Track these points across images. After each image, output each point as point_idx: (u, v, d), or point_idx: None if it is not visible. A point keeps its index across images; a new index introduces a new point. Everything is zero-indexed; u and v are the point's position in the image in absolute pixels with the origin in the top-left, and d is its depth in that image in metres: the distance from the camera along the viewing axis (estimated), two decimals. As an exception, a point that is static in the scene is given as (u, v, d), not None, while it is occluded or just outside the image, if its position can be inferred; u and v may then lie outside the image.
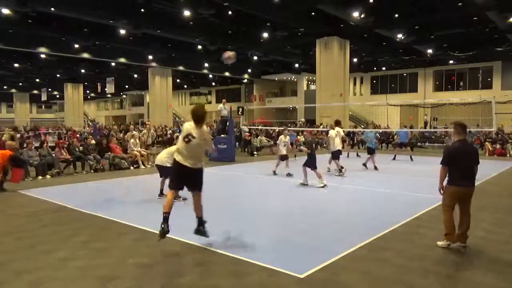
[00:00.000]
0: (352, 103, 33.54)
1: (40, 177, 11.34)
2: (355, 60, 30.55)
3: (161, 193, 8.27)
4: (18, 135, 16.80)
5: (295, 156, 15.19)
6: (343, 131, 13.21)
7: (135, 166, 13.63)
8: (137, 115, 54.50)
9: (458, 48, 27.25)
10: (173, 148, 7.97)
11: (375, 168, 12.59)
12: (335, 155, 11.34)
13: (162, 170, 8.13)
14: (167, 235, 4.88)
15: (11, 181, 9.55)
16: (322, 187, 9.26)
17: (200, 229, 5.15)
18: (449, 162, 5.04)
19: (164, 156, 8.03)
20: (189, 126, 4.93)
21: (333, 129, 11.50)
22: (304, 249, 5.05)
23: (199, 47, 28.32)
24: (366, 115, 35.66)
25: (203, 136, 4.87)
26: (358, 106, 34.93)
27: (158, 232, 4.87)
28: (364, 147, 22.70)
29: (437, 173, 5.18)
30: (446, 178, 5.12)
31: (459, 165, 5.02)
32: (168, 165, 7.76)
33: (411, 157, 16.02)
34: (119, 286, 4.02)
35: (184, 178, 5.00)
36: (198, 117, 4.85)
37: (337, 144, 11.27)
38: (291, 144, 13.49)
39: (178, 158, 4.93)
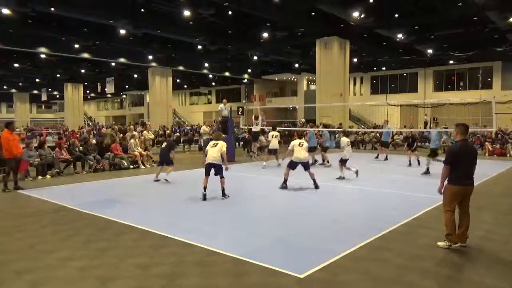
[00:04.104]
0: (352, 103, 33.53)
1: (40, 177, 11.34)
2: (355, 60, 30.51)
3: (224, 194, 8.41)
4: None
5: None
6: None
7: (135, 166, 13.63)
8: (137, 115, 54.48)
9: (458, 48, 27.21)
10: (224, 147, 8.33)
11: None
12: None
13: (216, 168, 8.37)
14: None
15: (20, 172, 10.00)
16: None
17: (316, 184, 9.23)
18: (453, 162, 5.04)
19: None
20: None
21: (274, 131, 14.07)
22: (304, 249, 5.05)
23: (199, 47, 28.29)
24: (366, 115, 35.71)
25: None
26: (358, 106, 34.93)
27: None
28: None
29: (437, 172, 5.18)
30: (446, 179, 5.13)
31: (462, 165, 5.03)
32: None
33: (386, 156, 15.73)
34: (119, 286, 4.02)
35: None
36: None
37: (274, 144, 13.58)
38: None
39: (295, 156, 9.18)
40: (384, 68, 36.25)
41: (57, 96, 56.46)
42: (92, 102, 68.66)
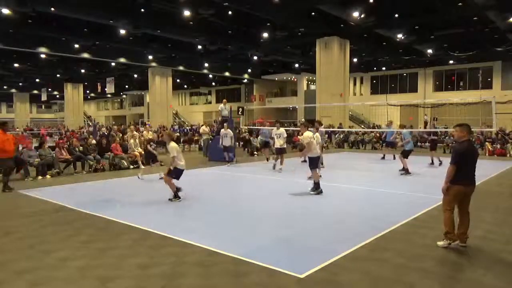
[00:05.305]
0: (352, 103, 33.54)
1: (40, 177, 11.34)
2: (355, 60, 30.54)
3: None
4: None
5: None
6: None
7: (135, 166, 13.63)
8: (137, 115, 54.49)
9: (458, 48, 27.24)
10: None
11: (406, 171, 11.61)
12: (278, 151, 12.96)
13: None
14: None
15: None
16: None
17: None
18: (460, 162, 5.05)
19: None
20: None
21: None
22: (304, 249, 5.05)
23: (199, 47, 28.32)
24: (366, 115, 35.72)
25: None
26: (358, 106, 34.94)
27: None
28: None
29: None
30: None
31: (465, 165, 5.05)
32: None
33: (384, 156, 16.35)
34: (119, 286, 4.02)
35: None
36: None
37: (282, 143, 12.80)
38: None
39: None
40: (384, 68, 36.28)
41: (57, 96, 56.51)
42: (92, 102, 68.67)
